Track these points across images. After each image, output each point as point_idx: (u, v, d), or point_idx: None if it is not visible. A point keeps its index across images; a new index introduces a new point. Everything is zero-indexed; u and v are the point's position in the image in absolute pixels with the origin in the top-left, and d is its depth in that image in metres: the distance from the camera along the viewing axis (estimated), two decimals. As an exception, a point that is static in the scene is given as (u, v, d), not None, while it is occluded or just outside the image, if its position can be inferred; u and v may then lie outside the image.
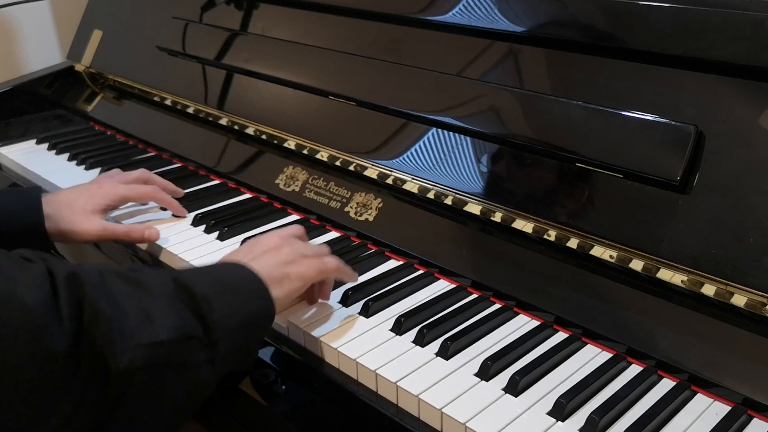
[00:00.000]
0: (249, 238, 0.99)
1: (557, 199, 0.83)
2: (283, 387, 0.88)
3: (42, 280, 0.57)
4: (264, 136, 1.16)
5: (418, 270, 0.92)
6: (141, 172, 1.08)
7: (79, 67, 1.52)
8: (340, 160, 1.05)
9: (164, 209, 1.09)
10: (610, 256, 0.78)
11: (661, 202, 0.76)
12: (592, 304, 0.79)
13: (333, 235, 1.02)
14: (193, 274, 0.70)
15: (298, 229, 0.88)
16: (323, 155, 1.07)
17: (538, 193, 0.85)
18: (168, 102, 1.35)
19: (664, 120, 0.77)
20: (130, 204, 1.08)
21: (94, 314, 0.58)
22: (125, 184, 1.04)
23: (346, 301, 0.85)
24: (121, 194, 1.01)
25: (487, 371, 0.73)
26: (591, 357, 0.76)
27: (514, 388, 0.70)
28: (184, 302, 0.65)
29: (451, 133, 0.94)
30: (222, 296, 0.68)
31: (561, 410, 0.68)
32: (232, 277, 0.72)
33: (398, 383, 0.72)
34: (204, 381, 0.65)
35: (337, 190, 1.05)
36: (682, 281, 0.73)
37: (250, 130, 1.19)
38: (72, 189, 1.01)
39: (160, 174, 1.22)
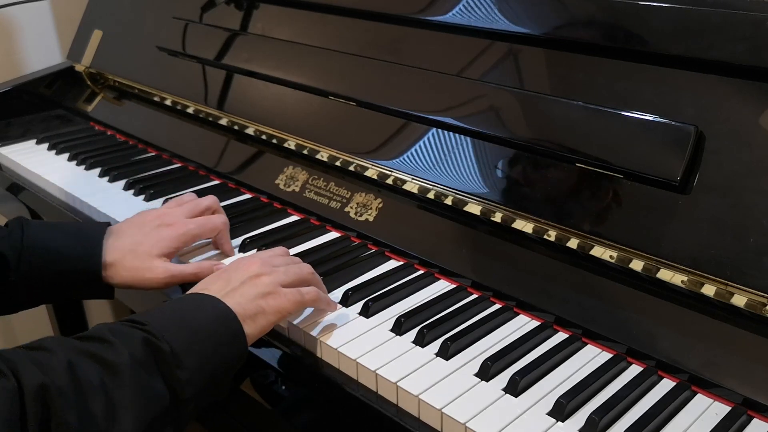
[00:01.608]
0: (250, 238, 0.99)
1: (557, 199, 0.83)
2: (284, 387, 0.88)
3: (11, 399, 0.57)
4: (264, 136, 1.16)
5: (418, 270, 0.92)
6: (212, 202, 0.98)
7: (79, 67, 1.52)
8: (340, 160, 1.05)
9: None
10: (610, 256, 0.78)
11: (661, 203, 0.76)
12: (592, 304, 0.79)
13: (333, 235, 1.02)
14: (167, 323, 0.69)
15: (281, 249, 0.87)
16: (323, 155, 1.07)
17: (538, 193, 0.85)
18: (168, 102, 1.35)
19: (664, 120, 0.77)
20: None
21: (61, 429, 0.58)
22: (193, 216, 0.94)
23: (346, 301, 0.85)
24: (193, 234, 0.92)
25: (487, 371, 0.73)
26: (591, 357, 0.76)
27: (514, 388, 0.71)
28: (154, 368, 0.66)
29: (451, 133, 0.94)
30: (194, 349, 0.68)
31: (561, 410, 0.68)
32: (205, 321, 0.71)
33: (398, 383, 0.72)
34: None
35: (337, 190, 1.05)
36: (682, 281, 0.73)
37: (250, 130, 1.19)
38: (139, 226, 0.92)
39: (160, 174, 1.23)
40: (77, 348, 0.64)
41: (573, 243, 0.81)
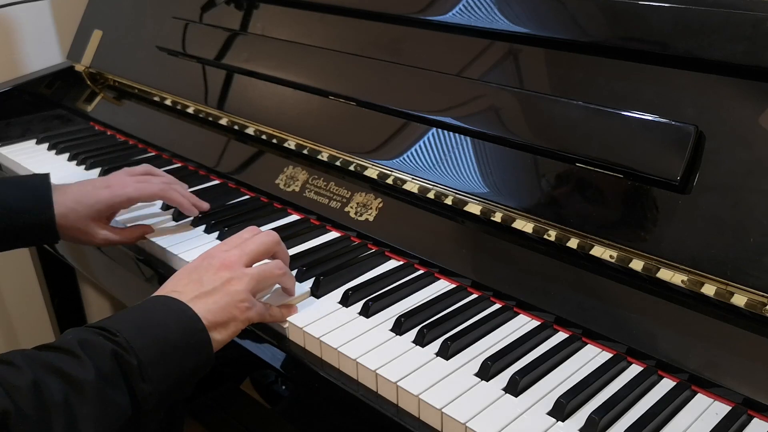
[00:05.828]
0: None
1: (557, 199, 0.83)
2: (284, 387, 0.88)
3: None
4: (264, 136, 1.16)
5: (418, 270, 0.92)
6: (145, 169, 1.05)
7: (79, 67, 1.52)
8: (341, 160, 1.05)
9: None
10: (610, 256, 0.78)
11: (661, 202, 0.76)
12: (592, 304, 0.79)
13: (333, 235, 1.02)
14: (136, 332, 0.68)
15: (268, 240, 0.84)
16: (323, 155, 1.07)
17: (538, 193, 0.85)
18: (168, 102, 1.35)
19: (664, 120, 0.77)
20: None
21: None
22: (135, 181, 1.01)
23: (346, 301, 0.85)
24: (128, 195, 0.99)
25: (487, 371, 0.73)
26: (591, 357, 0.76)
27: (514, 388, 0.71)
28: (120, 381, 0.65)
29: (451, 133, 0.94)
30: (160, 362, 0.68)
31: (561, 410, 0.68)
32: (174, 332, 0.70)
33: (398, 383, 0.72)
34: None
35: (337, 190, 1.05)
36: (682, 281, 0.73)
37: (250, 130, 1.19)
38: (81, 187, 0.99)
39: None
40: (44, 363, 0.63)
41: (573, 243, 0.81)
